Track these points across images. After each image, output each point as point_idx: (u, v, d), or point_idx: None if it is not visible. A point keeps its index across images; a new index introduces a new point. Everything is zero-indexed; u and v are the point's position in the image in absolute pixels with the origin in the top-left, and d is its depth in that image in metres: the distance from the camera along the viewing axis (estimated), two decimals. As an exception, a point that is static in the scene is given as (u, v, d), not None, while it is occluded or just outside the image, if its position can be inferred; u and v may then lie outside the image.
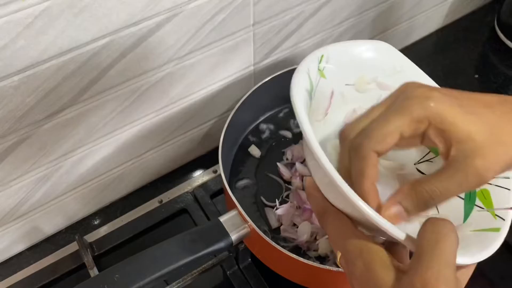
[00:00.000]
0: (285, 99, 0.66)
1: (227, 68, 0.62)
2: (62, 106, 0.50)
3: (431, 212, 0.36)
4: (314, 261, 0.55)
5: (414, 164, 0.41)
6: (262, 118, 0.69)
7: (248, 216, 0.50)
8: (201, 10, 0.51)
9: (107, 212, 0.67)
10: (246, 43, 0.61)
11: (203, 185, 0.68)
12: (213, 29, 0.55)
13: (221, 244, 0.49)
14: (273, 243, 0.49)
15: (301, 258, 0.48)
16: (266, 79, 0.63)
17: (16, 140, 0.49)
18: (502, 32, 0.85)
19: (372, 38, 0.78)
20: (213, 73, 0.61)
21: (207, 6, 0.51)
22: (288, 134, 0.68)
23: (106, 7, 0.44)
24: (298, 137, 0.67)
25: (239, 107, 0.60)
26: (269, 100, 0.67)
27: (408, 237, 0.29)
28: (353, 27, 0.72)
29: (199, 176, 0.69)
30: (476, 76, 0.82)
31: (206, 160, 0.71)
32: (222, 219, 0.51)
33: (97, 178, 0.62)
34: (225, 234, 0.49)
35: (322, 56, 0.38)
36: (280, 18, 0.61)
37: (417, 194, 0.30)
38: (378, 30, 0.77)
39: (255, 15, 0.57)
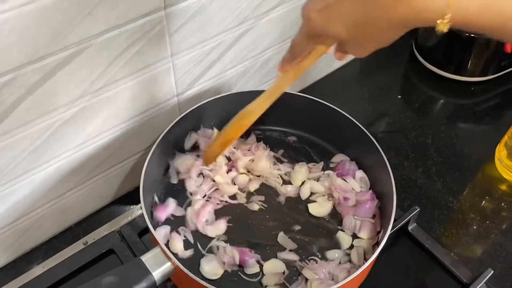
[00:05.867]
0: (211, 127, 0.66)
1: (148, 100, 0.61)
2: (-38, 149, 0.46)
3: None
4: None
5: None
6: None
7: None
8: (112, 43, 0.50)
9: (28, 259, 0.62)
10: (166, 74, 0.60)
11: (131, 223, 0.65)
12: (127, 62, 0.53)
13: (143, 285, 0.47)
14: (199, 280, 0.47)
15: (228, 292, 0.46)
16: (189, 110, 0.62)
17: None
18: (420, 54, 0.89)
19: (296, 64, 0.79)
20: (133, 105, 0.59)
21: (118, 39, 0.50)
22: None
23: (4, 43, 0.42)
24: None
25: (161, 139, 0.59)
26: (195, 130, 0.66)
27: None
28: (277, 54, 0.73)
29: (127, 214, 0.66)
30: (399, 96, 0.86)
31: (134, 196, 0.68)
32: (144, 258, 0.48)
33: (12, 223, 0.58)
34: (146, 273, 0.47)
35: None
36: (199, 48, 0.61)
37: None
38: (302, 57, 0.79)
39: (172, 46, 0.57)
